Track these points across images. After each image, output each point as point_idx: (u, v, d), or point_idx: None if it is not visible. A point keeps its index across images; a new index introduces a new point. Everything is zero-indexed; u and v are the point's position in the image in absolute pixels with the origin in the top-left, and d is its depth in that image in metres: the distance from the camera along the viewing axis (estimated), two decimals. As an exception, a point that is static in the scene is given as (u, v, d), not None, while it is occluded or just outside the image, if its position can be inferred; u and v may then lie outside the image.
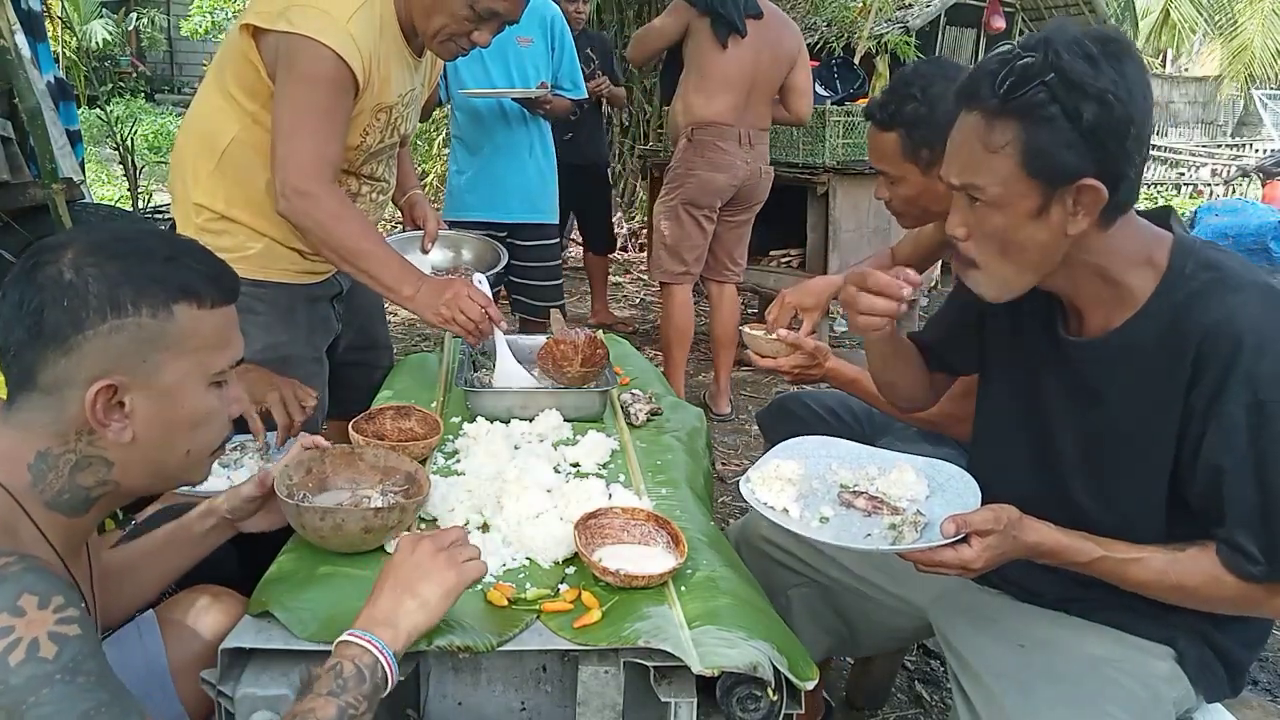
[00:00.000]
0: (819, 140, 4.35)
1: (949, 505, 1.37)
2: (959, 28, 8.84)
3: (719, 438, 3.93)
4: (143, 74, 15.61)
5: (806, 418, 2.31)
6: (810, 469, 1.48)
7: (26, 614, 0.90)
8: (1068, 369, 1.35)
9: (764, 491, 1.41)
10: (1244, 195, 10.91)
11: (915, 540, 1.30)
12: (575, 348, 1.98)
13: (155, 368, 1.05)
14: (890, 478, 1.45)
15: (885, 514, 1.38)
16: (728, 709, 1.18)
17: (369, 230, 1.93)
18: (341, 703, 1.03)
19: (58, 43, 8.26)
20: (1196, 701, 1.39)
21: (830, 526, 1.37)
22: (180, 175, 2.05)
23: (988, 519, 1.23)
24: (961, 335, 1.56)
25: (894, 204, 2.00)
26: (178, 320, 1.06)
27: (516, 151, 3.61)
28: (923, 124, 1.83)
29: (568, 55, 3.67)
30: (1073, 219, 1.20)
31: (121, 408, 1.05)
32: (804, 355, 1.86)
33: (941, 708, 2.33)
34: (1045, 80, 1.14)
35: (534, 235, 3.69)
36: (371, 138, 2.01)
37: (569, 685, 1.25)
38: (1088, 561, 1.28)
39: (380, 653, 1.09)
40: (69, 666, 0.90)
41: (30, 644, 0.89)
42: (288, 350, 2.07)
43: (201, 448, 1.14)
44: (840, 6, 7.47)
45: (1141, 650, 1.36)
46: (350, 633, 1.10)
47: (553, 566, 1.41)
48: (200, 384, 1.10)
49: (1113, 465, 1.31)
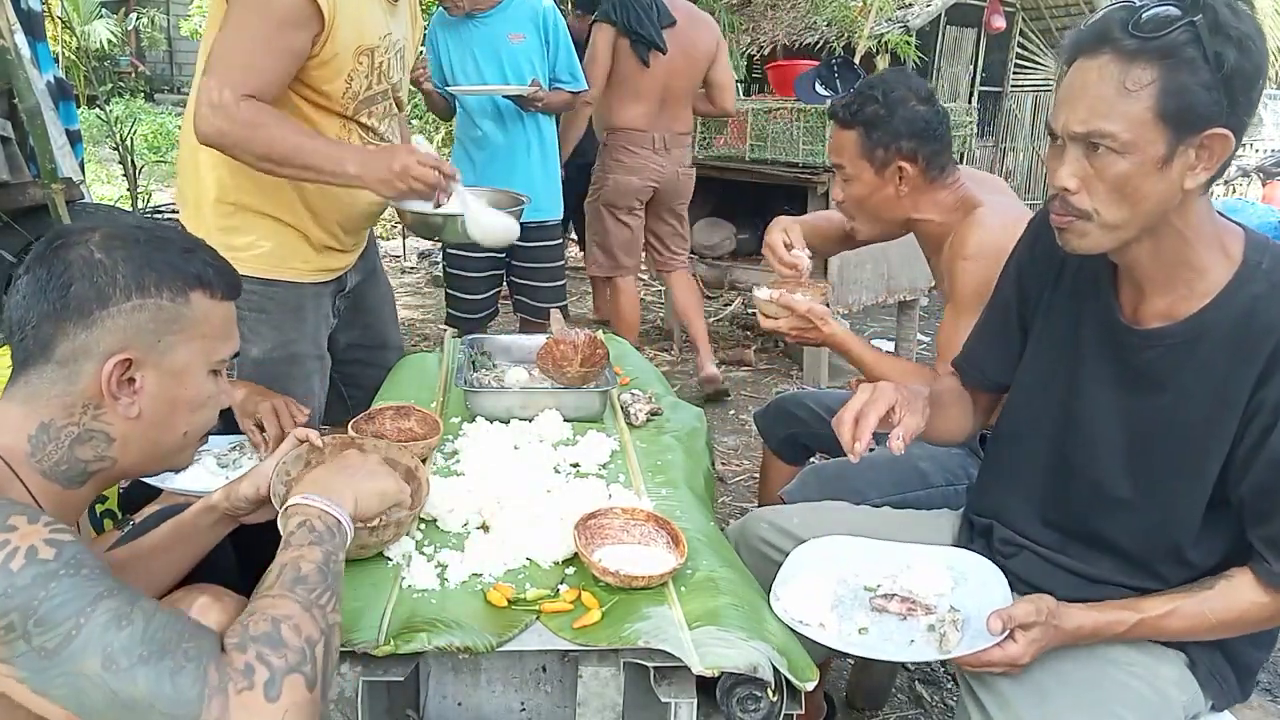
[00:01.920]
0: (819, 140, 4.34)
1: (975, 595, 1.38)
2: (959, 27, 8.84)
3: (719, 438, 3.93)
4: (143, 74, 15.60)
5: (806, 418, 2.31)
6: (833, 573, 1.46)
7: (19, 528, 0.93)
8: (1123, 357, 1.33)
9: (796, 608, 1.36)
10: (1244, 195, 10.91)
11: (959, 640, 1.29)
12: (575, 348, 1.98)
13: (168, 348, 1.11)
14: (914, 574, 1.45)
15: (920, 614, 1.37)
16: (728, 709, 1.18)
17: (293, 128, 1.86)
18: (324, 548, 1.10)
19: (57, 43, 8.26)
20: (1206, 706, 1.39)
21: (870, 637, 1.35)
22: (187, 174, 2.06)
23: (1029, 612, 1.24)
24: (1004, 344, 1.54)
25: (845, 205, 2.05)
26: (193, 306, 1.13)
27: (515, 151, 3.59)
28: (880, 126, 1.91)
29: (564, 48, 3.63)
30: (1191, 172, 1.17)
31: (132, 383, 1.10)
32: (798, 318, 1.88)
33: (942, 708, 2.33)
34: (1193, 21, 1.10)
35: (536, 235, 3.67)
36: (357, 83, 1.98)
37: (569, 685, 1.25)
38: (1127, 629, 1.29)
39: (340, 515, 1.17)
40: (71, 562, 0.93)
41: (28, 550, 0.92)
42: (296, 348, 2.10)
43: (196, 430, 1.19)
44: (840, 6, 7.47)
45: (1152, 654, 1.36)
46: (305, 496, 1.18)
47: (553, 567, 1.40)
48: (204, 369, 1.16)
49: (1163, 457, 1.30)
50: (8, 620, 0.89)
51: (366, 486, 1.28)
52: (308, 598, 1.03)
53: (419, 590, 1.32)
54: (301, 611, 1.01)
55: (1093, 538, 1.37)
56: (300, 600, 1.02)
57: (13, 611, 0.89)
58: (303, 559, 1.07)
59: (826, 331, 1.88)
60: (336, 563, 1.10)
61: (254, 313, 2.04)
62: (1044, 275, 1.46)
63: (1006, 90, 9.38)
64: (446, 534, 1.48)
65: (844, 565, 1.48)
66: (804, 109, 4.42)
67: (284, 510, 1.18)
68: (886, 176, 1.94)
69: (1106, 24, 1.15)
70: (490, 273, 3.70)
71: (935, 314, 6.13)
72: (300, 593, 1.03)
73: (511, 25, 3.49)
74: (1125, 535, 1.35)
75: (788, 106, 4.52)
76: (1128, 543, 1.34)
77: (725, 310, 6.11)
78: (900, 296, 4.92)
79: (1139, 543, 1.34)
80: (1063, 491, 1.40)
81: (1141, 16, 1.12)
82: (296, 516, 1.15)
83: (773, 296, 1.90)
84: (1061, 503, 1.41)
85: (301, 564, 1.07)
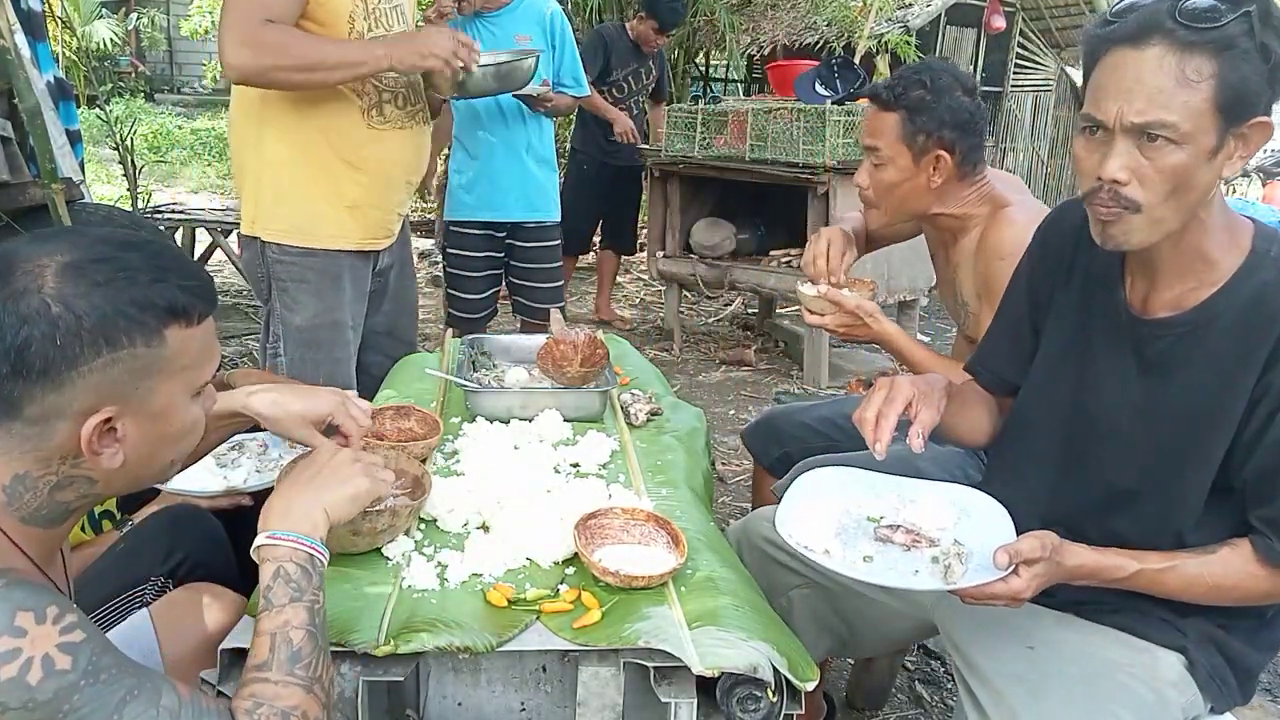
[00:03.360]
0: (819, 140, 4.34)
1: (978, 531, 1.37)
2: (959, 27, 8.83)
3: (719, 438, 3.93)
4: (143, 74, 15.60)
5: (801, 435, 2.25)
6: (836, 503, 1.46)
7: (28, 632, 0.90)
8: (1132, 345, 1.33)
9: (801, 533, 1.37)
10: (1244, 195, 10.90)
11: (964, 572, 1.29)
12: (575, 348, 1.98)
13: (147, 393, 1.03)
14: (918, 508, 1.44)
15: (924, 547, 1.37)
16: (728, 709, 1.17)
17: (316, 38, 2.06)
18: (305, 602, 1.08)
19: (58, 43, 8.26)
20: (1205, 708, 1.38)
21: (875, 565, 1.34)
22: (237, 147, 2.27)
23: (1034, 547, 1.24)
24: (1016, 345, 1.53)
25: (871, 190, 1.98)
26: (169, 344, 1.03)
27: (514, 151, 3.60)
28: (925, 111, 1.86)
29: (569, 52, 3.67)
30: (1230, 161, 1.17)
31: (114, 433, 1.02)
32: (847, 314, 1.85)
33: (942, 708, 2.33)
34: (1248, 11, 1.10)
35: (534, 235, 3.69)
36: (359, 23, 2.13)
37: (569, 685, 1.25)
38: (1126, 576, 1.29)
39: (311, 547, 1.14)
40: (89, 670, 0.91)
41: (44, 660, 0.89)
42: (336, 315, 2.26)
43: (182, 455, 1.14)
44: (840, 6, 7.47)
45: (1151, 655, 1.36)
46: (271, 535, 1.13)
47: (553, 567, 1.40)
48: (186, 399, 1.08)
49: (1169, 443, 1.30)
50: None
51: (334, 495, 1.21)
52: (308, 676, 1.03)
53: (419, 590, 1.32)
54: (305, 695, 1.02)
55: (1097, 530, 1.37)
56: (302, 682, 1.03)
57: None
58: (290, 626, 1.06)
59: (876, 329, 1.85)
60: (320, 610, 1.10)
61: (295, 282, 2.22)
62: (1053, 274, 1.46)
63: (1006, 90, 9.37)
64: (446, 534, 1.48)
65: (847, 496, 1.47)
66: (804, 109, 4.42)
67: (255, 550, 1.14)
68: (922, 165, 1.89)
69: (1153, 14, 1.14)
70: (489, 272, 3.71)
71: (935, 314, 6.14)
72: (300, 673, 1.03)
73: (519, 27, 3.50)
74: (1130, 526, 1.34)
75: (788, 106, 4.51)
76: (1131, 533, 1.34)
77: (725, 310, 6.12)
78: (900, 296, 4.93)
79: (1142, 532, 1.33)
80: (1069, 486, 1.40)
81: (1189, 6, 1.12)
82: (269, 564, 1.11)
83: (821, 292, 1.86)
84: (1067, 497, 1.41)
85: (291, 634, 1.05)
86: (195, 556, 1.56)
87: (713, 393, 4.59)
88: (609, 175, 5.38)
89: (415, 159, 2.31)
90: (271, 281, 2.26)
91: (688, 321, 5.78)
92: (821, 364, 4.67)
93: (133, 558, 1.54)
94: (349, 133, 2.18)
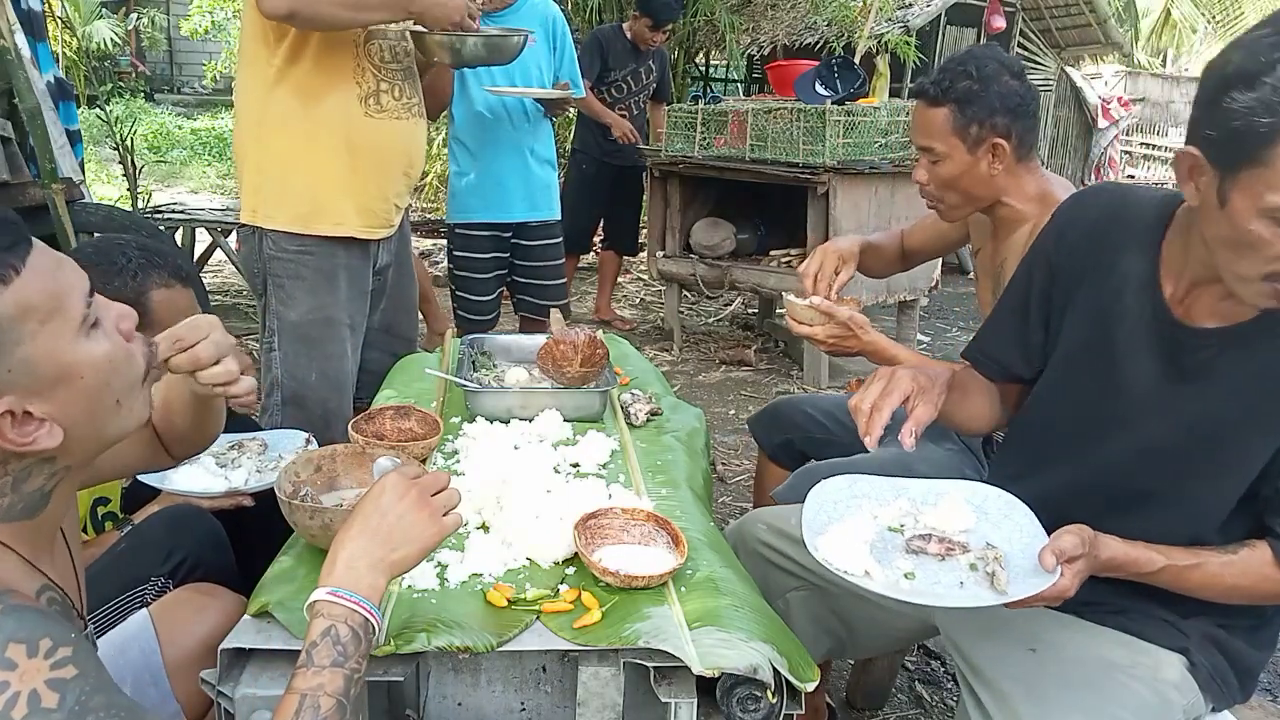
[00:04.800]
0: (819, 140, 4.34)
1: (1002, 528, 1.36)
2: (959, 27, 8.84)
3: (719, 438, 3.93)
4: (142, 74, 15.60)
5: (802, 423, 2.28)
6: (857, 518, 1.41)
7: (18, 666, 0.85)
8: (1167, 350, 1.31)
9: (836, 556, 1.29)
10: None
11: (1009, 579, 1.26)
12: (575, 348, 1.98)
13: (24, 365, 0.92)
14: (936, 510, 1.41)
15: (958, 554, 1.33)
16: (728, 710, 1.17)
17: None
18: (347, 670, 1.02)
19: (58, 43, 8.26)
20: (1206, 709, 1.39)
21: (919, 583, 1.29)
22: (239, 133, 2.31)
23: (1076, 544, 1.23)
24: (1021, 335, 1.50)
25: (932, 187, 1.95)
26: (6, 303, 0.91)
27: (519, 151, 3.62)
28: (975, 101, 1.83)
29: (568, 55, 3.70)
30: None
31: (30, 417, 0.94)
32: (838, 325, 1.83)
33: (942, 708, 2.33)
34: None
35: (538, 234, 3.70)
36: None
37: (569, 685, 1.25)
38: (1153, 571, 1.29)
39: (369, 612, 1.06)
40: (76, 710, 0.86)
41: (30, 696, 0.85)
42: (330, 312, 2.28)
43: (127, 387, 1.03)
44: (840, 6, 7.46)
45: (1153, 656, 1.36)
46: (332, 592, 1.06)
47: (553, 567, 1.40)
48: (75, 341, 0.96)
49: (1202, 452, 1.29)
50: None
51: (402, 554, 1.12)
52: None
53: (419, 590, 1.32)
54: None
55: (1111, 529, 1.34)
56: None
57: None
58: (324, 691, 1.00)
59: (866, 339, 1.83)
60: (358, 682, 1.04)
61: (291, 279, 2.26)
62: (1073, 271, 1.42)
63: (1006, 90, 9.37)
64: (446, 534, 1.48)
65: (862, 508, 1.43)
66: (804, 109, 4.41)
67: (309, 606, 1.07)
68: (979, 155, 1.86)
69: None
70: (496, 273, 3.72)
71: (935, 314, 6.14)
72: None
73: (523, 27, 3.51)
74: (1145, 525, 1.33)
75: (788, 106, 4.51)
76: (1146, 533, 1.33)
77: (725, 310, 6.12)
78: (900, 296, 4.93)
79: (1160, 533, 1.32)
80: (1084, 485, 1.38)
81: None
82: (322, 620, 1.04)
83: (813, 303, 1.85)
84: (1081, 496, 1.39)
85: (322, 700, 0.99)
86: (195, 556, 1.56)
87: (713, 393, 4.59)
88: (609, 175, 5.39)
89: (413, 151, 2.36)
90: (268, 276, 2.28)
91: (688, 321, 5.78)
92: (821, 364, 4.67)
93: (133, 558, 1.54)
94: (349, 121, 2.22)
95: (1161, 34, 17.92)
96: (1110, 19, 9.72)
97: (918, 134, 1.93)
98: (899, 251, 2.30)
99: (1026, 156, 1.90)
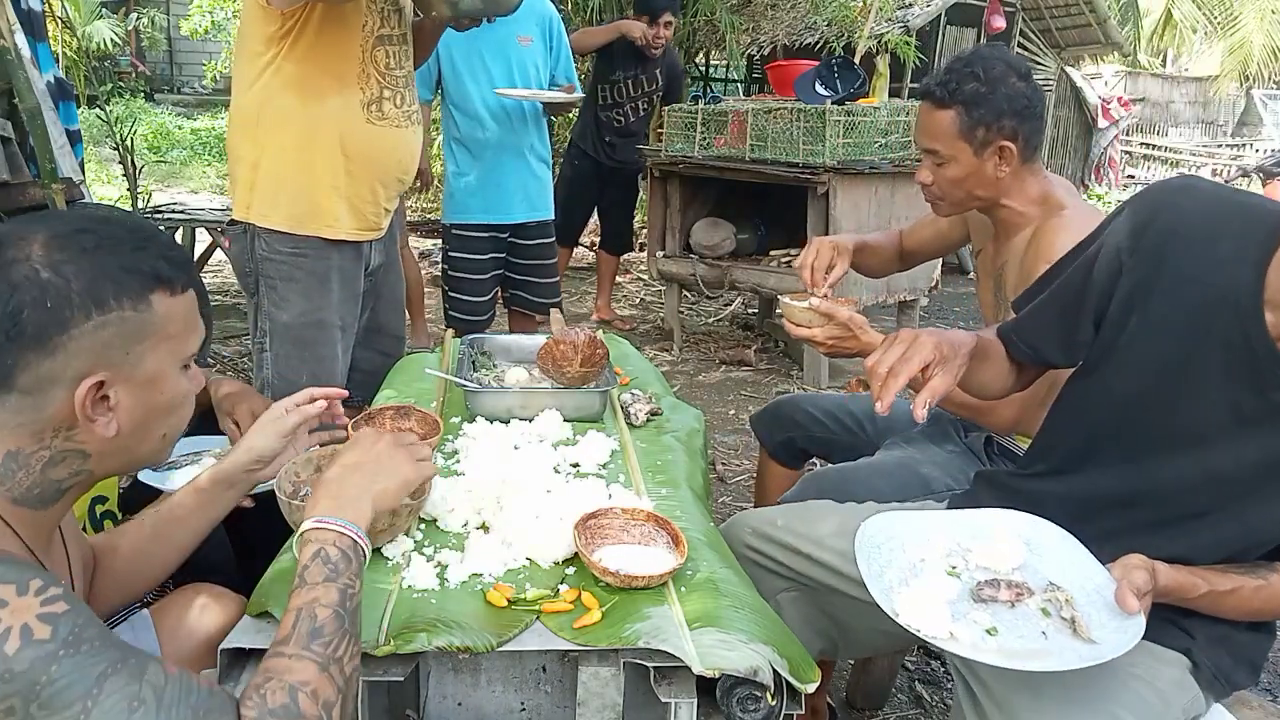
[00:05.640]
0: (819, 140, 4.34)
1: (1054, 562, 1.33)
2: (959, 27, 8.84)
3: (719, 438, 3.93)
4: (143, 74, 15.60)
5: (803, 422, 2.29)
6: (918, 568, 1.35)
7: (9, 603, 0.88)
8: (1258, 382, 1.24)
9: (921, 622, 1.24)
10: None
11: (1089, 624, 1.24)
12: (575, 348, 1.98)
13: (137, 359, 1.06)
14: (985, 546, 1.37)
15: (1027, 597, 1.30)
16: (728, 710, 1.17)
17: None
18: (340, 584, 1.07)
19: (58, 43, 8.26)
20: (1207, 709, 1.38)
21: (1004, 638, 1.24)
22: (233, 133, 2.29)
23: (1146, 580, 1.22)
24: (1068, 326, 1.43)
25: (935, 188, 1.94)
26: (155, 309, 1.06)
27: (518, 152, 3.63)
28: (982, 104, 1.82)
29: (564, 54, 3.73)
30: None
31: (106, 401, 1.04)
32: (838, 326, 1.80)
33: (942, 708, 2.33)
34: None
35: (535, 234, 3.72)
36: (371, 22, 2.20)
37: (569, 685, 1.25)
38: (1196, 597, 1.29)
39: (357, 535, 1.13)
40: (69, 640, 0.88)
41: (22, 629, 0.87)
42: (321, 315, 2.28)
43: (174, 430, 1.15)
44: (840, 6, 7.46)
45: (1154, 655, 1.35)
46: (318, 520, 1.13)
47: (553, 567, 1.40)
48: (175, 369, 1.11)
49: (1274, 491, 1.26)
50: (8, 704, 0.86)
51: (383, 485, 1.23)
52: (325, 654, 1.00)
53: (419, 590, 1.32)
54: (319, 673, 0.98)
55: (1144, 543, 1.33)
56: (318, 659, 0.99)
57: (14, 696, 0.86)
58: (318, 603, 1.03)
59: (865, 340, 1.81)
60: (353, 596, 1.07)
61: (284, 281, 2.26)
62: (1144, 273, 1.32)
63: (1006, 90, 9.37)
64: (446, 534, 1.48)
65: (910, 553, 1.36)
66: (804, 109, 4.41)
67: (299, 536, 1.13)
68: (986, 157, 1.85)
69: None
70: (493, 274, 3.72)
71: (935, 314, 6.14)
72: (317, 649, 1.00)
73: (520, 27, 3.51)
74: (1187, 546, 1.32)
75: (788, 106, 4.51)
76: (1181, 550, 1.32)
77: (725, 310, 6.12)
78: (900, 296, 4.93)
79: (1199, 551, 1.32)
80: (1132, 500, 1.34)
81: None
82: (311, 545, 1.11)
83: (812, 304, 1.83)
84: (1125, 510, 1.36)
85: (317, 610, 1.03)
86: (195, 556, 1.56)
87: (713, 393, 4.59)
88: (604, 175, 5.39)
89: (409, 158, 2.37)
90: (260, 278, 2.28)
91: (688, 321, 5.78)
92: (821, 364, 4.67)
93: (133, 557, 1.54)
94: (350, 126, 2.21)
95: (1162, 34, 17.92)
96: (1110, 19, 9.73)
97: (922, 136, 1.92)
98: (897, 251, 2.30)
99: (1031, 159, 1.89)
